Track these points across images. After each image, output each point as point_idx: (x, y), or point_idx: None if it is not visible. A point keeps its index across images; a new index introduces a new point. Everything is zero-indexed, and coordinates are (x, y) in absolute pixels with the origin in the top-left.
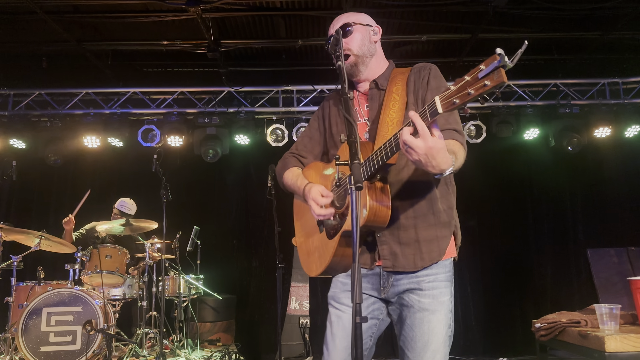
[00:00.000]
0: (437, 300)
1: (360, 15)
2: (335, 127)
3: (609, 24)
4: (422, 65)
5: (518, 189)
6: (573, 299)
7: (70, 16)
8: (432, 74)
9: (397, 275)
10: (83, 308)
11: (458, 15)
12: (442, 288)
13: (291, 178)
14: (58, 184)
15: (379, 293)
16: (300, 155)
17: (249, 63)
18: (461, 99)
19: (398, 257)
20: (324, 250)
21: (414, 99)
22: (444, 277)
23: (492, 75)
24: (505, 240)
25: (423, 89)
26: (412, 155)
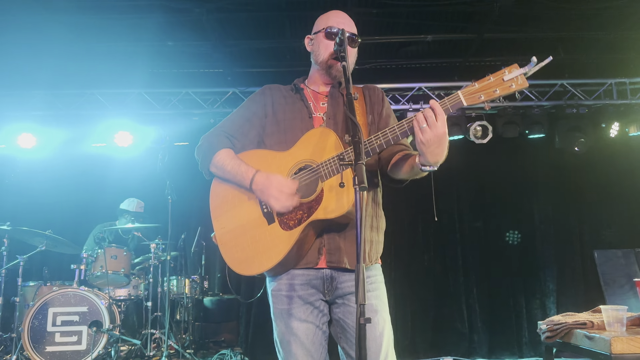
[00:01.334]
0: (382, 300)
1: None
2: (283, 115)
3: (616, 24)
4: (374, 86)
5: (524, 189)
6: (579, 300)
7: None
8: (384, 95)
9: (341, 275)
10: (89, 308)
11: (463, 15)
12: (382, 289)
13: (230, 160)
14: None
15: (324, 295)
16: (233, 136)
17: (253, 63)
18: (487, 95)
19: (342, 252)
20: (275, 243)
21: (371, 110)
22: (381, 278)
23: (517, 79)
24: (511, 242)
25: (379, 104)
26: (425, 134)
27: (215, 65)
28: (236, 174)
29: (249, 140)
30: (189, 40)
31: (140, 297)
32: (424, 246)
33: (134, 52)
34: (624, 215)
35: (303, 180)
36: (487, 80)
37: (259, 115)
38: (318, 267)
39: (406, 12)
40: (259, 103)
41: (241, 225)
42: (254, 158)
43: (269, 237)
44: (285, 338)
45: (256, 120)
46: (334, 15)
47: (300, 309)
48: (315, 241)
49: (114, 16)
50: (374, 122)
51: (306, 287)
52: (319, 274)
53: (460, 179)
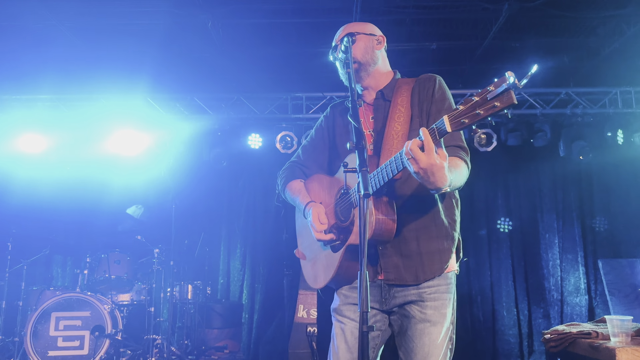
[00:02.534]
0: (439, 311)
1: (364, 25)
2: (340, 138)
3: (621, 32)
4: (427, 76)
5: (528, 197)
6: (584, 310)
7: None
8: (436, 86)
9: (398, 287)
10: (91, 313)
11: (468, 23)
12: (443, 300)
13: (293, 192)
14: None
15: (380, 305)
16: (304, 165)
17: (258, 69)
18: (470, 119)
19: (400, 269)
20: (328, 262)
21: (419, 111)
22: (446, 289)
23: (502, 97)
24: (516, 250)
25: (428, 101)
26: (413, 166)
27: (221, 70)
28: (297, 204)
29: (318, 165)
30: (195, 45)
31: (143, 302)
32: None
33: (140, 57)
34: (629, 225)
35: (342, 206)
36: (470, 102)
37: (324, 140)
38: (377, 279)
39: (411, 19)
40: (322, 128)
41: (310, 245)
42: (314, 183)
43: (324, 258)
44: (335, 331)
45: (322, 145)
46: (336, 36)
47: (350, 307)
48: (373, 261)
49: (120, 22)
50: (423, 124)
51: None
52: (377, 283)
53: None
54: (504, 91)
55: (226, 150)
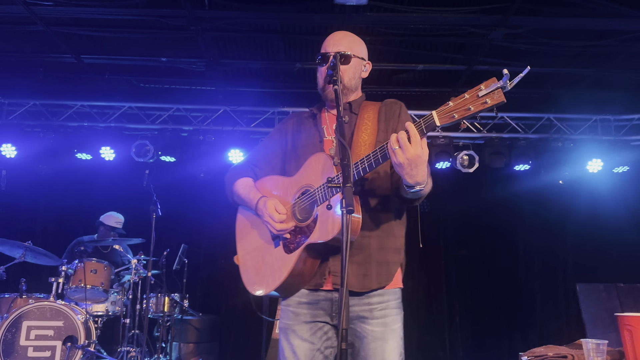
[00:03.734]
0: (390, 328)
1: (360, 46)
2: (300, 142)
3: (602, 62)
4: (394, 100)
5: (509, 220)
6: (561, 332)
7: (70, 29)
8: (402, 109)
9: (350, 299)
10: (64, 323)
11: (455, 47)
12: (393, 315)
13: (243, 188)
14: (47, 196)
15: (331, 319)
16: (255, 165)
17: (246, 83)
18: (460, 113)
19: (348, 275)
20: (279, 265)
21: (385, 126)
22: (395, 304)
23: (492, 95)
24: (495, 271)
25: (394, 119)
26: (398, 157)
27: (208, 83)
28: (247, 200)
29: (271, 168)
30: (183, 57)
31: (118, 313)
32: (408, 272)
33: (127, 66)
34: (607, 249)
35: (302, 205)
36: (461, 98)
37: (280, 144)
38: (325, 289)
39: (399, 40)
40: (281, 132)
41: (255, 248)
42: (267, 184)
43: (274, 259)
44: (285, 354)
45: (278, 148)
46: (329, 38)
47: (303, 327)
48: (323, 263)
49: (108, 30)
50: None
51: (313, 306)
52: (328, 295)
53: (446, 207)
54: (495, 89)
55: (210, 161)
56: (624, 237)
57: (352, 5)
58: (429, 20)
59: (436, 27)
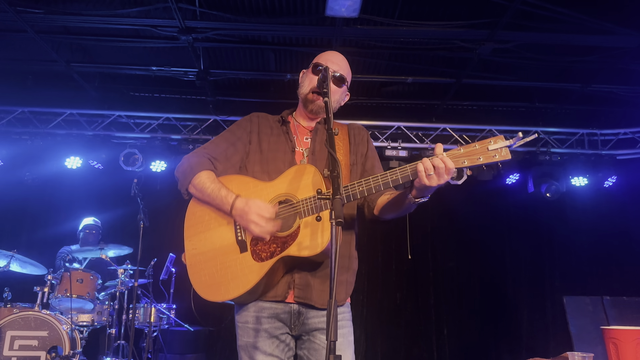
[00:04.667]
0: (347, 339)
1: (350, 75)
2: (267, 145)
3: (589, 77)
4: (359, 126)
5: (497, 232)
6: (548, 345)
7: (60, 37)
8: (369, 137)
9: (309, 311)
10: (49, 333)
11: (443, 60)
12: (348, 327)
13: (210, 182)
14: (33, 204)
15: (290, 330)
16: (216, 159)
17: (237, 93)
18: (471, 161)
19: (311, 289)
20: (245, 272)
21: (355, 150)
22: (348, 316)
23: (501, 151)
24: (483, 283)
25: (363, 145)
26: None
27: (198, 92)
28: (216, 197)
29: (230, 164)
30: (173, 66)
31: (104, 323)
32: (396, 284)
33: (117, 74)
34: (593, 262)
35: (281, 214)
36: (472, 147)
37: (243, 141)
38: (286, 302)
39: (389, 53)
40: (245, 129)
41: (213, 249)
42: (235, 183)
43: (239, 265)
44: None
45: (240, 145)
46: (329, 54)
47: (265, 342)
48: (285, 275)
49: (98, 38)
50: (357, 162)
51: (273, 320)
52: (287, 308)
53: (434, 219)
54: (502, 147)
55: None
56: (610, 251)
57: (343, 18)
58: (418, 34)
59: (426, 40)
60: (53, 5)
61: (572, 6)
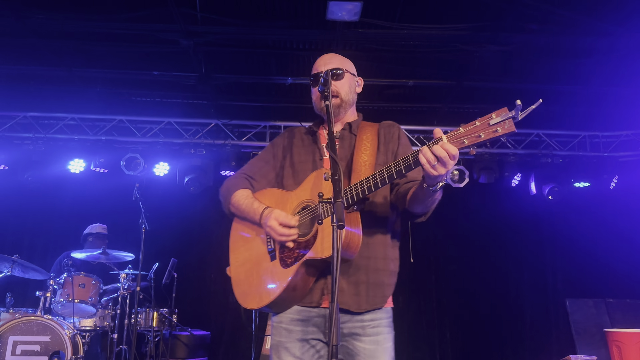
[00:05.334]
0: (382, 346)
1: (350, 64)
2: (298, 157)
3: (590, 79)
4: (391, 122)
5: (499, 235)
6: (551, 348)
7: (61, 41)
8: (401, 132)
9: (342, 316)
10: (51, 338)
11: (444, 63)
12: (385, 334)
13: (244, 199)
14: (35, 209)
15: (324, 336)
16: (253, 178)
17: (238, 97)
18: (470, 140)
19: (344, 294)
20: (274, 279)
21: (384, 149)
22: (387, 322)
23: (503, 124)
24: (486, 286)
25: (394, 143)
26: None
27: (199, 96)
28: (249, 211)
29: (267, 181)
30: (175, 71)
31: (106, 328)
32: (399, 287)
33: (119, 79)
34: (596, 265)
35: (303, 219)
36: (472, 125)
37: (277, 158)
38: (322, 307)
39: (390, 57)
40: (279, 146)
41: (250, 260)
42: (266, 196)
43: (269, 273)
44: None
45: (275, 162)
46: (319, 60)
47: (295, 344)
48: (319, 281)
49: (100, 43)
50: (388, 162)
51: (307, 324)
52: (322, 312)
53: (436, 222)
54: (506, 119)
55: (201, 175)
56: (613, 253)
57: (344, 22)
58: (419, 37)
59: (426, 43)
60: (55, 11)
61: (573, 8)
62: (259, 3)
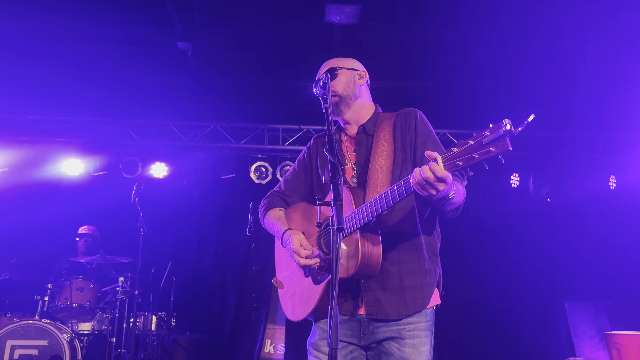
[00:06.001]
0: (417, 349)
1: (346, 60)
2: (322, 169)
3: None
4: (408, 110)
5: (497, 237)
6: (550, 351)
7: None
8: (418, 119)
9: (379, 322)
10: (49, 342)
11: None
12: (422, 337)
13: (272, 220)
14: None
15: (359, 340)
16: (285, 194)
17: (237, 100)
18: (464, 161)
19: (382, 304)
20: (309, 294)
21: (402, 145)
22: (425, 326)
23: (497, 143)
24: (484, 290)
25: (411, 135)
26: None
27: (198, 99)
28: (274, 232)
29: (298, 196)
30: (174, 73)
31: (105, 332)
32: None
33: (116, 82)
34: (595, 267)
35: (326, 237)
36: (466, 145)
37: (307, 170)
38: (358, 314)
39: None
40: (307, 159)
41: (289, 276)
42: (296, 212)
43: (305, 289)
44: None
45: (304, 175)
46: (320, 69)
47: (326, 343)
48: (350, 292)
49: (97, 46)
50: (407, 158)
51: (342, 326)
52: (357, 317)
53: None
54: (500, 137)
55: (199, 177)
56: (612, 255)
57: (342, 25)
58: (417, 39)
59: (424, 45)
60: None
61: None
62: (257, 6)
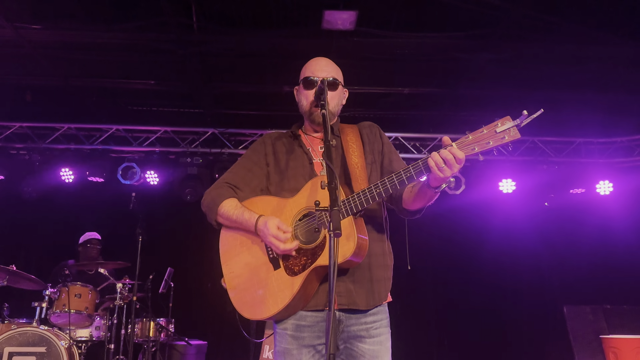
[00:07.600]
0: (384, 346)
1: (341, 74)
2: (285, 163)
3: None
4: (369, 123)
5: (496, 242)
6: (549, 355)
7: (57, 51)
8: (381, 132)
9: (348, 319)
10: (47, 349)
11: (440, 71)
12: (386, 334)
13: (233, 209)
14: (32, 219)
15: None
16: (237, 187)
17: (235, 106)
18: (481, 147)
19: (352, 294)
20: (281, 288)
21: (370, 149)
22: (386, 322)
23: (509, 131)
24: (483, 293)
25: (377, 142)
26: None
27: (196, 105)
28: (242, 221)
29: (250, 189)
30: (171, 79)
31: (103, 338)
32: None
33: (114, 88)
34: (593, 271)
35: (307, 227)
36: (480, 132)
37: (260, 165)
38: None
39: (385, 65)
40: (260, 152)
41: (249, 270)
42: (260, 204)
43: (274, 282)
44: None
45: (258, 169)
46: (313, 63)
47: (302, 351)
48: (323, 284)
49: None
50: (375, 161)
51: (313, 329)
52: (325, 318)
53: (433, 229)
54: (511, 127)
55: (197, 183)
56: (610, 259)
57: (340, 31)
58: (414, 46)
59: (421, 52)
60: (51, 21)
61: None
62: (254, 13)
